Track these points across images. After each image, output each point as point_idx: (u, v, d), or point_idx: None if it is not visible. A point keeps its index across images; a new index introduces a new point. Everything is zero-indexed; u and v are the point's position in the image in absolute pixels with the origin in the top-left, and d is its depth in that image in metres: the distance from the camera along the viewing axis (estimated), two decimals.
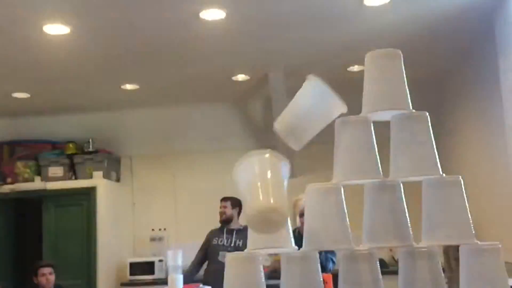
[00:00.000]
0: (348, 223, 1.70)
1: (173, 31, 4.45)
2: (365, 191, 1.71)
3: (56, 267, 4.91)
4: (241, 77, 5.67)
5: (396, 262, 4.51)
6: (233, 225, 4.85)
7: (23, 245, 6.87)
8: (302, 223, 4.04)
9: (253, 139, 6.80)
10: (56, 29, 4.24)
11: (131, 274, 6.41)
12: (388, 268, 5.40)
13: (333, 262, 4.02)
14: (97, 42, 4.62)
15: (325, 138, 3.08)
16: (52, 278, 4.74)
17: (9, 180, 6.46)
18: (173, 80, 5.77)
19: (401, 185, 1.69)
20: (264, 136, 6.67)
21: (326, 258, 3.91)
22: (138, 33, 4.50)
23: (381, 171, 1.73)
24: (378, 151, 1.72)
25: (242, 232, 4.73)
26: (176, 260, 6.31)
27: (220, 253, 4.77)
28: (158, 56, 5.03)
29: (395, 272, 1.85)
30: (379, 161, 1.67)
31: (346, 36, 4.72)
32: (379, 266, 1.76)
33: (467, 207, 1.63)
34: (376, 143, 1.74)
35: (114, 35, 4.51)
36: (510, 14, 3.96)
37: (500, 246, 1.58)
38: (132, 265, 6.44)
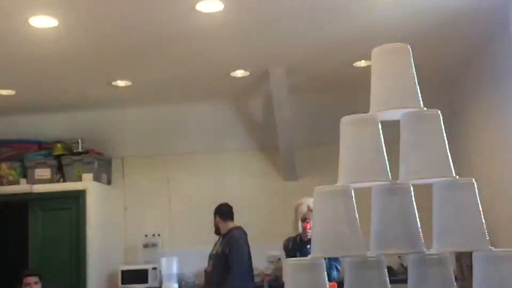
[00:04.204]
0: (359, 228, 1.70)
1: (168, 23, 4.44)
2: (373, 195, 1.71)
3: (42, 276, 4.92)
4: (240, 73, 5.66)
5: (405, 269, 4.54)
6: (222, 231, 5.01)
7: (7, 252, 6.87)
8: (304, 228, 4.06)
9: (252, 139, 6.82)
10: (43, 21, 4.22)
11: (123, 283, 6.42)
12: (397, 276, 5.41)
13: (338, 269, 4.04)
14: (87, 35, 4.60)
15: (328, 138, 3.09)
16: None
17: None
18: (168, 76, 5.76)
19: (411, 188, 1.69)
20: (264, 136, 6.70)
21: (330, 266, 3.93)
22: (131, 26, 4.49)
23: (389, 174, 1.73)
24: (386, 152, 1.73)
25: (225, 237, 4.92)
26: (171, 268, 6.38)
27: (209, 262, 5.00)
28: (151, 50, 5.03)
29: (404, 281, 1.86)
30: (387, 162, 1.67)
31: (352, 30, 4.71)
32: (387, 274, 1.76)
33: (481, 212, 1.64)
34: (384, 144, 1.74)
35: (105, 28, 4.50)
36: None
37: None
38: (124, 273, 6.46)
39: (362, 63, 5.37)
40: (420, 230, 1.66)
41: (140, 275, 6.41)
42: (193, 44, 4.89)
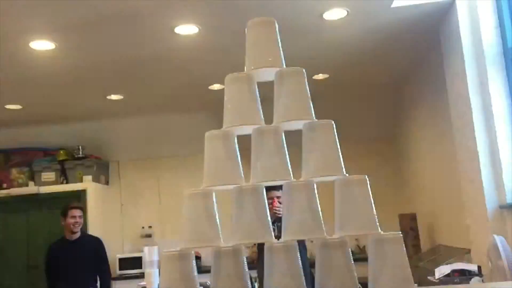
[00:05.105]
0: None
1: (151, 45, 4.47)
2: (284, 191, 1.79)
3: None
4: (216, 86, 5.69)
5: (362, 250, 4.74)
6: None
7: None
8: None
9: None
10: (41, 45, 4.26)
11: (120, 269, 6.49)
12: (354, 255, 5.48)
13: None
14: (81, 56, 4.61)
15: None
16: (81, 221, 4.50)
17: (4, 185, 6.51)
18: (155, 90, 5.78)
19: (315, 185, 1.77)
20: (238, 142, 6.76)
21: None
22: (120, 48, 4.50)
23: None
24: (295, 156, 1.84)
25: None
26: (152, 255, 6.41)
27: None
28: (139, 68, 5.05)
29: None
30: (289, 164, 1.78)
31: (309, 47, 4.74)
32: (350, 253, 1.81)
33: (372, 203, 1.73)
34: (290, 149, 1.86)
35: (97, 50, 4.51)
36: (453, 26, 4.10)
37: (401, 235, 1.70)
38: (121, 261, 6.53)
39: (321, 76, 5.43)
40: (322, 219, 1.74)
41: (134, 262, 6.47)
42: (174, 62, 4.92)
